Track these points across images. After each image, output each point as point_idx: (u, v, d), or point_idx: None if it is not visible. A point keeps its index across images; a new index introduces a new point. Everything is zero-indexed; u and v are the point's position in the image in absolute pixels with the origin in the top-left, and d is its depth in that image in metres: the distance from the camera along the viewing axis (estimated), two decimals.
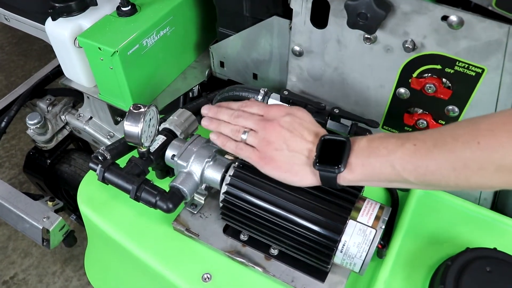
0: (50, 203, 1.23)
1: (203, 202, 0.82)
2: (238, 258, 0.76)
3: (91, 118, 1.37)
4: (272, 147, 0.64)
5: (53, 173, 1.44)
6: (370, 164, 0.58)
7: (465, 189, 0.56)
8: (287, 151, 0.63)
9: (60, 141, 1.44)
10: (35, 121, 1.31)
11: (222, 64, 1.03)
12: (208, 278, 0.75)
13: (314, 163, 0.61)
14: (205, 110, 0.75)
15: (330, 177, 0.60)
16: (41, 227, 1.16)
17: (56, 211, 1.22)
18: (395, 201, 0.85)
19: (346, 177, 0.60)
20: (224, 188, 0.71)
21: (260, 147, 0.65)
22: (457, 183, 0.53)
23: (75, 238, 1.26)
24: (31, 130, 1.35)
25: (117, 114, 1.27)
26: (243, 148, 0.67)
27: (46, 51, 2.38)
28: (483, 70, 0.69)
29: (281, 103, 0.81)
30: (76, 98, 1.45)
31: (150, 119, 0.74)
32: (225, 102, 0.78)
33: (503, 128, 0.50)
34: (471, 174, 0.52)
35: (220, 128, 0.71)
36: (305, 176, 0.63)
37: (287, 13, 0.83)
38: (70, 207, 1.53)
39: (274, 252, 0.76)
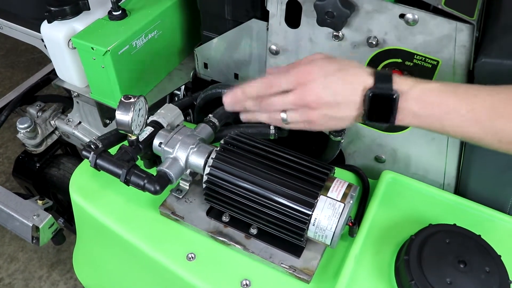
0: (40, 202, 1.27)
1: (187, 187, 0.88)
2: (220, 238, 0.82)
3: (80, 123, 1.43)
4: (317, 122, 0.65)
5: (42, 177, 1.48)
6: (420, 118, 0.61)
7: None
8: (334, 120, 0.64)
9: (50, 145, 1.49)
10: (25, 125, 1.37)
11: (206, 66, 1.10)
12: (193, 258, 0.81)
13: (364, 119, 0.63)
14: (228, 98, 0.71)
15: (378, 127, 0.65)
16: (31, 225, 1.19)
17: (46, 210, 1.26)
18: (365, 187, 0.92)
19: (392, 123, 0.63)
20: (207, 170, 0.78)
21: (306, 124, 0.66)
22: (501, 150, 0.60)
23: (63, 236, 1.30)
24: (21, 134, 1.40)
25: (106, 117, 1.33)
26: (290, 124, 0.67)
27: (33, 63, 2.44)
28: (438, 62, 0.78)
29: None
30: (65, 104, 1.51)
31: (140, 109, 0.80)
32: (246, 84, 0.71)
33: None
34: (498, 145, 0.59)
35: (257, 118, 0.70)
36: (350, 121, 0.65)
37: (265, 16, 0.92)
38: (58, 210, 1.56)
39: (254, 231, 0.82)
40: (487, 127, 0.59)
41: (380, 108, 0.61)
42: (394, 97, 0.60)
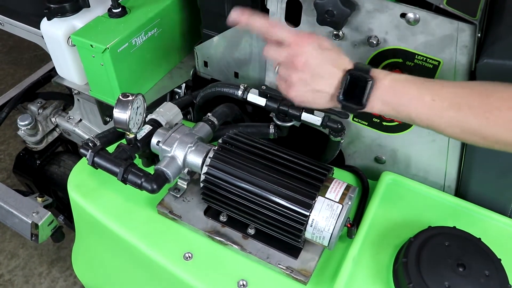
0: (39, 199, 1.27)
1: (185, 186, 0.87)
2: (217, 238, 0.81)
3: (80, 120, 1.43)
4: (296, 86, 0.69)
5: (43, 174, 1.48)
6: (389, 105, 0.65)
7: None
8: (311, 92, 0.69)
9: (50, 142, 1.49)
10: (26, 122, 1.37)
11: (206, 64, 1.10)
12: (190, 257, 0.80)
13: (338, 98, 0.67)
14: (235, 13, 0.73)
15: (350, 109, 0.68)
16: (30, 222, 1.19)
17: (45, 207, 1.26)
18: (365, 187, 0.91)
19: (365, 109, 0.67)
20: (205, 169, 0.77)
21: (287, 85, 0.70)
22: (463, 140, 0.65)
23: (63, 233, 1.30)
24: (22, 131, 1.40)
25: (107, 115, 1.33)
26: (278, 78, 0.72)
27: (36, 60, 2.44)
28: (439, 62, 0.77)
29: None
30: (66, 101, 1.51)
31: (138, 107, 0.80)
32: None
33: (508, 109, 0.58)
34: (475, 139, 0.62)
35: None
36: (327, 102, 0.70)
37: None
38: (58, 208, 1.56)
39: (251, 231, 0.81)
40: (450, 117, 0.62)
41: (355, 90, 0.66)
42: (369, 81, 0.65)
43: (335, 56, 0.68)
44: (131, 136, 0.81)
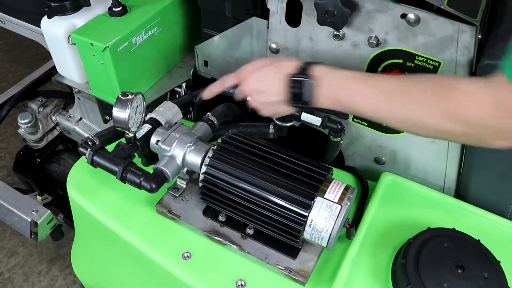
0: (39, 197, 1.27)
1: (184, 186, 0.87)
2: (216, 238, 0.81)
3: (81, 119, 1.43)
4: (259, 107, 0.79)
5: (43, 172, 1.48)
6: (334, 100, 0.71)
7: (408, 132, 0.72)
8: (269, 105, 0.78)
9: (50, 141, 1.49)
10: (26, 120, 1.37)
11: (206, 63, 1.09)
12: (188, 257, 0.80)
13: (289, 102, 0.74)
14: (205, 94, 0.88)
15: (303, 107, 0.76)
16: (29, 220, 1.19)
17: (45, 205, 1.26)
18: (364, 188, 0.91)
19: (317, 105, 0.73)
20: (204, 168, 0.77)
21: (258, 110, 0.80)
22: (402, 129, 0.70)
23: (62, 232, 1.30)
24: (22, 129, 1.40)
25: (107, 113, 1.32)
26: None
27: (37, 58, 2.44)
28: (439, 63, 0.76)
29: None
30: (67, 100, 1.51)
31: (137, 106, 0.80)
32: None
33: (443, 99, 0.61)
34: (413, 128, 0.66)
35: None
36: (287, 110, 0.78)
37: (265, 14, 0.91)
38: (58, 206, 1.56)
39: (250, 231, 0.81)
40: (390, 108, 0.66)
41: (300, 92, 0.72)
42: (308, 81, 0.71)
43: (274, 68, 0.76)
44: (131, 135, 0.81)
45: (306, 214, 0.71)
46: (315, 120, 0.86)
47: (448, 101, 0.60)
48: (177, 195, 0.86)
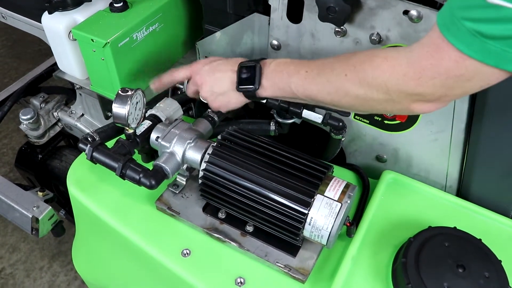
0: (40, 193, 1.27)
1: (184, 183, 0.87)
2: (215, 235, 0.81)
3: (82, 115, 1.42)
4: (209, 98, 0.82)
5: (44, 168, 1.48)
6: (276, 85, 0.75)
7: (340, 108, 0.73)
8: (221, 97, 0.81)
9: (52, 137, 1.49)
10: (28, 116, 1.36)
11: None
12: (187, 254, 0.80)
13: (237, 87, 0.77)
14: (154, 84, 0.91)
15: (250, 94, 0.77)
16: (30, 216, 1.19)
17: (46, 201, 1.26)
18: (365, 186, 0.90)
19: (262, 93, 0.77)
20: (203, 165, 0.76)
21: (208, 102, 0.83)
22: (333, 103, 0.71)
23: (63, 228, 1.30)
24: (24, 125, 1.40)
25: (108, 110, 1.32)
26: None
27: (39, 54, 2.44)
28: None
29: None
30: (68, 96, 1.50)
31: (137, 102, 0.80)
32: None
33: (362, 66, 0.64)
34: (340, 98, 0.68)
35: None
36: (236, 98, 0.80)
37: (267, 10, 0.90)
38: (59, 202, 1.56)
39: (250, 229, 0.81)
40: (318, 82, 0.69)
41: (247, 76, 0.76)
42: (257, 65, 0.76)
43: (224, 61, 0.81)
44: (131, 131, 0.81)
45: (306, 211, 0.70)
46: (317, 117, 0.85)
47: (367, 68, 0.62)
48: (177, 192, 0.86)
